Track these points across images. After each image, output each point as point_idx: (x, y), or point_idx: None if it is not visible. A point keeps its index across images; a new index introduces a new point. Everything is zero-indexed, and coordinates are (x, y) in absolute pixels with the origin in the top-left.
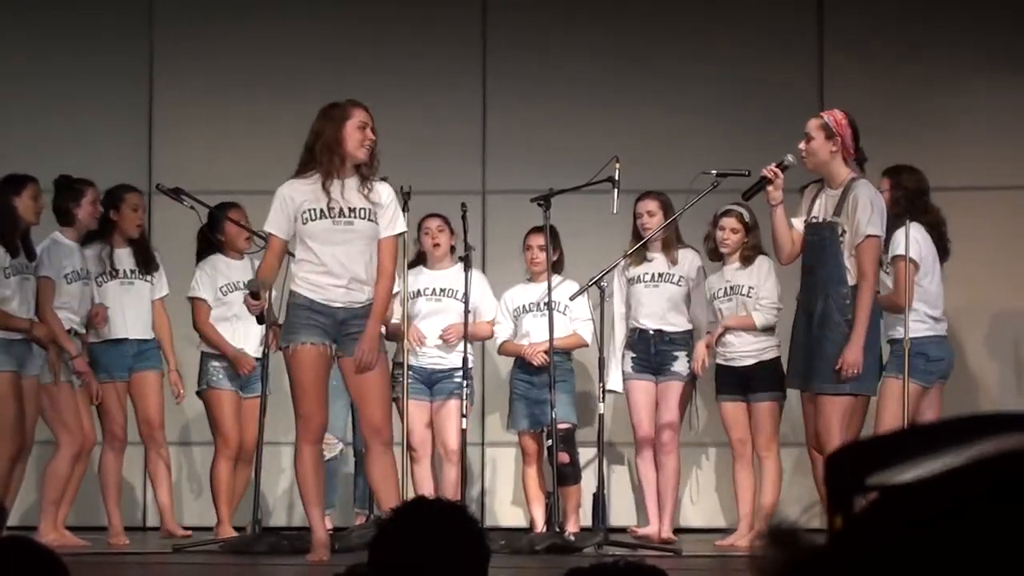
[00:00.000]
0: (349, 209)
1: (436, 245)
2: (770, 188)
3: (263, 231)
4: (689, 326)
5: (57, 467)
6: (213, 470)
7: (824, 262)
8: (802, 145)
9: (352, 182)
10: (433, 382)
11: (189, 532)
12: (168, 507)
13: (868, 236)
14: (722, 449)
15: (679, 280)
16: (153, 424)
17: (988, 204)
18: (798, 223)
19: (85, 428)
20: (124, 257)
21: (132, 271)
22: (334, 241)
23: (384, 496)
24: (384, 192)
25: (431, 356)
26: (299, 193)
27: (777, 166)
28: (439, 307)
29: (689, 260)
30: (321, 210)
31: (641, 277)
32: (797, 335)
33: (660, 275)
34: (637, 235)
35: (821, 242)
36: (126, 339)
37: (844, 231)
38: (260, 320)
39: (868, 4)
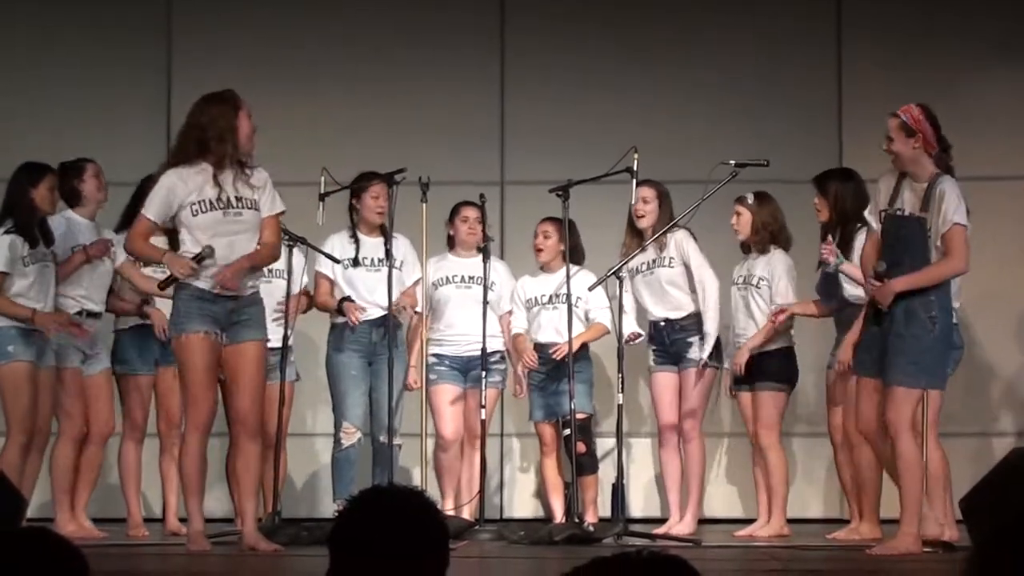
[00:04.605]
0: (237, 199)
1: (471, 234)
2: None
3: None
4: (695, 308)
5: (59, 455)
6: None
7: (912, 257)
8: (884, 147)
9: (232, 172)
10: (469, 369)
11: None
12: (173, 505)
13: (955, 224)
14: (739, 439)
15: (670, 261)
16: (173, 421)
17: (1005, 194)
18: (872, 219)
19: (103, 417)
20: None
21: None
22: (225, 232)
23: (242, 488)
24: (262, 176)
25: (468, 343)
26: (186, 183)
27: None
28: (469, 294)
29: (676, 238)
30: (211, 201)
31: (639, 268)
32: (870, 327)
33: (653, 262)
34: (631, 223)
35: (911, 236)
36: None
37: (930, 227)
38: (162, 285)
39: None
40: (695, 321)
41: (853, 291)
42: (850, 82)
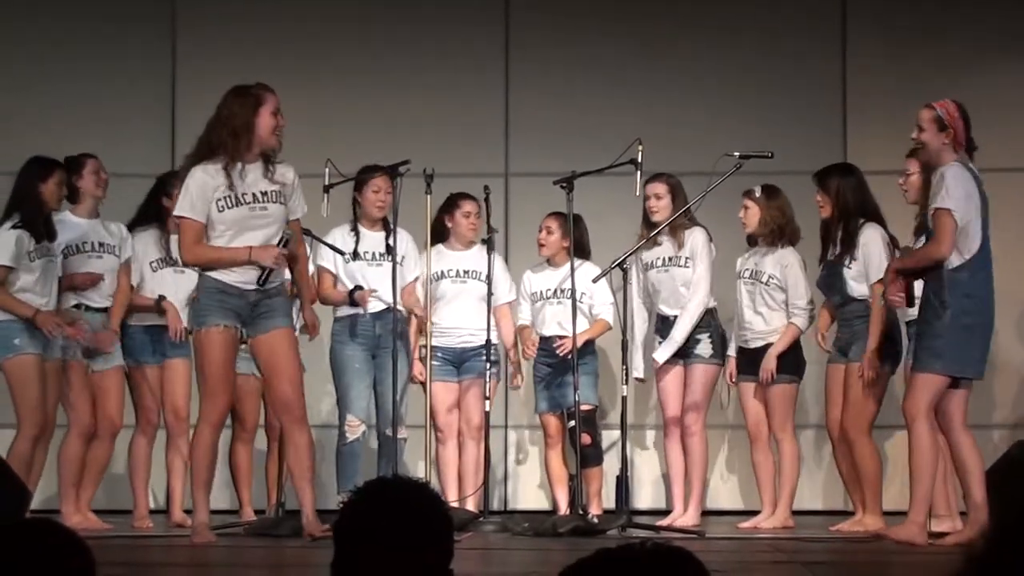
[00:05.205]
0: (261, 194)
1: (472, 228)
2: None
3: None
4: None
5: (67, 448)
6: (232, 454)
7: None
8: (914, 135)
9: (257, 167)
10: (462, 361)
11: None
12: (179, 497)
13: (937, 208)
14: (742, 431)
15: (685, 261)
16: (180, 413)
17: (1010, 186)
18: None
19: (112, 413)
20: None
21: None
22: (251, 227)
23: (297, 474)
24: (290, 173)
25: (461, 336)
26: (213, 178)
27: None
28: (464, 288)
29: (693, 239)
30: (235, 198)
31: (653, 263)
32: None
33: (669, 259)
34: (646, 218)
35: (928, 228)
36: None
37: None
38: (262, 281)
39: None
40: (704, 318)
41: (856, 287)
42: (854, 73)
